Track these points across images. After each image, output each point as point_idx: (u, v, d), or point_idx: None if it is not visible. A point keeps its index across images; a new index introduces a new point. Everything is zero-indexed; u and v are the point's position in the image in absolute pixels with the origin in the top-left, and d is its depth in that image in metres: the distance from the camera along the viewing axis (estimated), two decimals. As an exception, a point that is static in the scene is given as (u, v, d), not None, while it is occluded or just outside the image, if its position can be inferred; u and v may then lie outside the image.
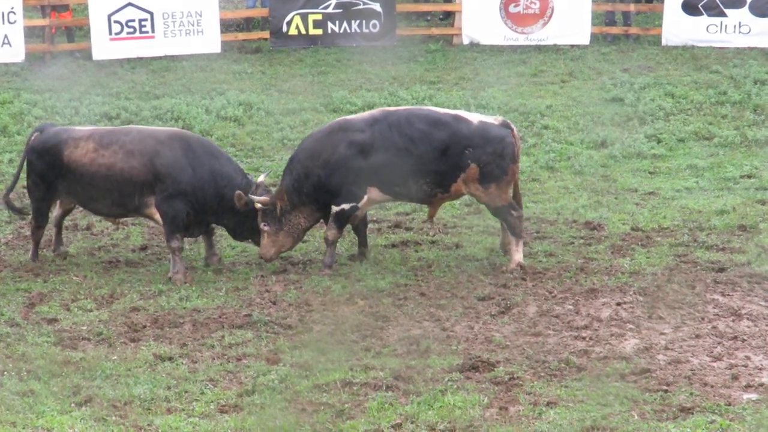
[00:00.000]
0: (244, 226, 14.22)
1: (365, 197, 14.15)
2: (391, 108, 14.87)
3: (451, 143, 13.94)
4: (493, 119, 14.32)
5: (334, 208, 14.16)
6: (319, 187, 14.06)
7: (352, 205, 14.13)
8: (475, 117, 14.34)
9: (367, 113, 14.69)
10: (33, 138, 14.48)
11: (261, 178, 14.41)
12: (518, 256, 14.20)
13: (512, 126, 14.26)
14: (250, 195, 13.90)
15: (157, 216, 14.03)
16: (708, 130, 19.90)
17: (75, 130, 14.51)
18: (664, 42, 24.73)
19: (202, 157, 14.05)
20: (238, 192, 13.81)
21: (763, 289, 13.48)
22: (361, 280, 13.93)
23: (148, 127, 15.21)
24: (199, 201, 13.99)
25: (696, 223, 15.78)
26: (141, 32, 24.21)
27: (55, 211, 14.82)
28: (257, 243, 14.39)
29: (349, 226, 14.61)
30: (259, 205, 13.94)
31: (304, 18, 24.89)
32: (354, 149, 13.98)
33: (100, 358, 11.82)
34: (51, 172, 14.23)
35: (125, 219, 15.23)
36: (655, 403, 10.63)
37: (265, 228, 14.09)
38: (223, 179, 14.04)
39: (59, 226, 14.90)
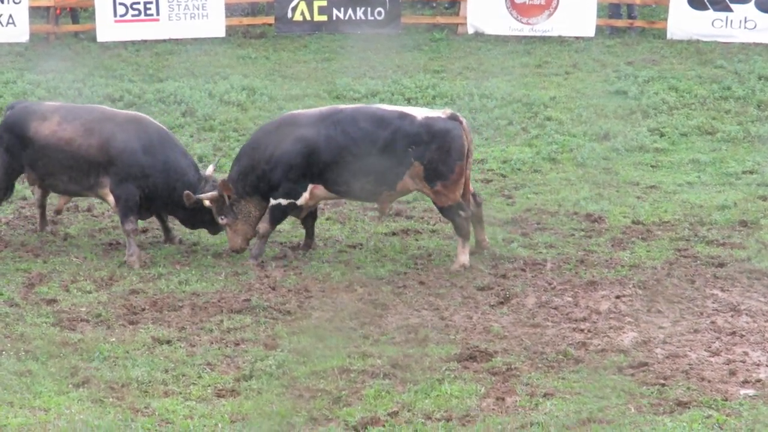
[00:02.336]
0: (195, 218, 14.23)
1: (305, 194, 14.00)
2: (341, 106, 14.69)
3: (393, 141, 13.71)
4: (441, 113, 13.99)
5: (271, 201, 14.02)
6: (263, 179, 13.95)
7: (289, 201, 13.99)
8: (420, 112, 14.00)
9: (316, 109, 14.54)
10: (6, 115, 14.66)
11: (209, 171, 14.40)
12: (464, 257, 13.93)
13: (461, 119, 13.92)
14: (196, 195, 13.86)
15: (111, 198, 14.08)
16: (711, 125, 19.88)
17: (43, 105, 14.76)
18: (669, 36, 24.70)
19: (157, 145, 14.06)
20: (186, 192, 13.79)
21: (763, 285, 13.47)
22: (361, 267, 13.93)
23: (112, 109, 15.22)
24: (149, 187, 14.00)
25: (697, 217, 15.78)
26: (146, 15, 24.20)
27: (36, 193, 14.90)
28: (211, 232, 14.41)
29: (352, 224, 14.58)
30: (207, 202, 13.93)
31: (309, 4, 24.86)
32: (299, 145, 13.87)
33: (98, 340, 11.83)
34: (18, 145, 14.32)
35: (80, 198, 15.34)
36: (652, 397, 10.64)
37: (223, 221, 14.06)
38: (176, 173, 14.03)
39: (42, 206, 15.01)
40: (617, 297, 13.06)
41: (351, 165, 13.74)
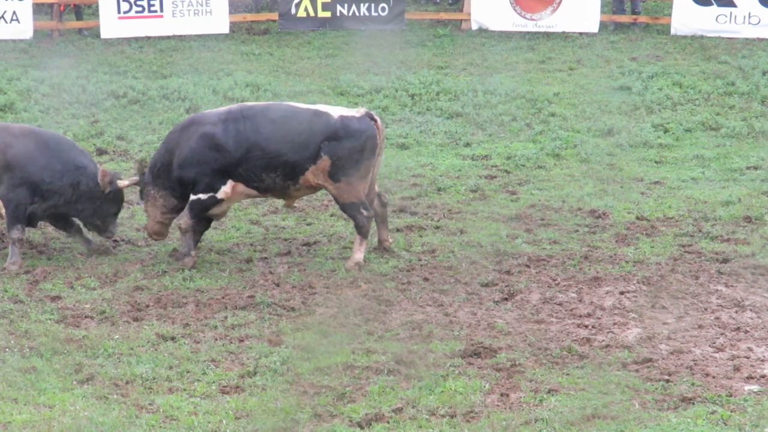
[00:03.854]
0: (101, 210, 14.12)
1: (225, 190, 13.86)
2: (249, 103, 14.57)
3: (306, 137, 13.70)
4: (356, 111, 13.99)
5: (191, 197, 13.91)
6: (176, 180, 13.90)
7: (209, 195, 13.88)
8: (336, 111, 13.99)
9: (224, 107, 14.45)
10: None
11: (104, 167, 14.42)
12: (359, 255, 13.91)
13: (376, 117, 13.95)
14: (118, 181, 14.00)
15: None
16: (715, 121, 19.86)
17: None
18: (672, 31, 24.66)
19: (54, 149, 14.02)
20: (102, 168, 13.96)
21: (767, 281, 13.47)
22: (365, 263, 13.93)
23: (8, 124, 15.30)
24: (50, 191, 13.91)
25: (701, 213, 15.77)
26: (150, 11, 24.17)
27: None
28: (101, 232, 14.29)
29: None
30: (124, 183, 14.03)
31: (313, 0, 24.85)
32: (206, 142, 13.76)
33: (102, 337, 11.85)
34: None
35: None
36: (657, 393, 10.64)
37: (143, 204, 14.22)
38: (78, 169, 13.99)
39: None
40: (621, 293, 13.06)
41: (262, 161, 13.78)
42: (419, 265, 13.96)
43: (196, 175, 13.80)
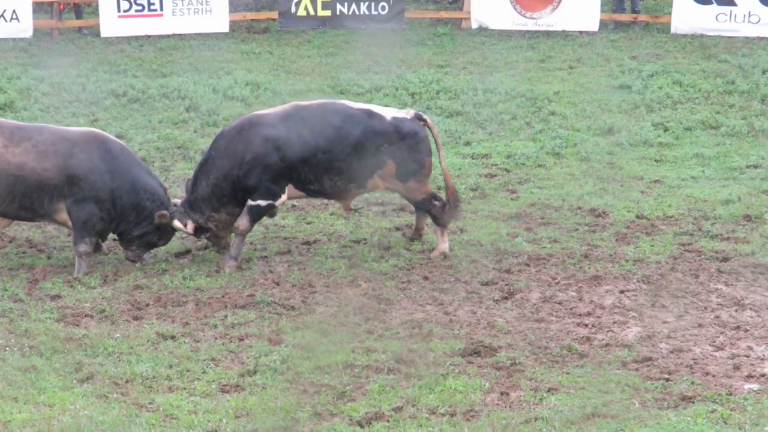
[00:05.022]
0: (145, 238, 13.94)
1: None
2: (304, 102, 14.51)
3: (365, 139, 13.76)
4: (405, 113, 14.13)
5: (250, 202, 13.81)
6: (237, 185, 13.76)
7: (269, 202, 13.85)
8: (388, 112, 14.10)
9: (279, 108, 14.31)
10: None
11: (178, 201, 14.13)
12: (444, 245, 14.11)
13: (426, 118, 14.15)
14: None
15: None
16: (715, 120, 19.86)
17: None
18: (673, 30, 24.67)
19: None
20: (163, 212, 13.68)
21: (767, 280, 13.47)
22: (365, 262, 13.93)
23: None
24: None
25: (701, 212, 15.77)
26: (149, 10, 24.18)
27: None
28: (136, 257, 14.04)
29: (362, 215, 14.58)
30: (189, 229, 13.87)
31: (313, -1, 24.88)
32: (269, 145, 13.67)
33: (102, 336, 11.85)
34: None
35: None
36: (657, 392, 10.64)
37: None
38: (146, 191, 13.75)
39: None
40: (621, 292, 13.06)
41: (323, 164, 13.85)
42: (419, 263, 13.96)
43: (260, 180, 13.68)
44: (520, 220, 15.50)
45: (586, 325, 12.16)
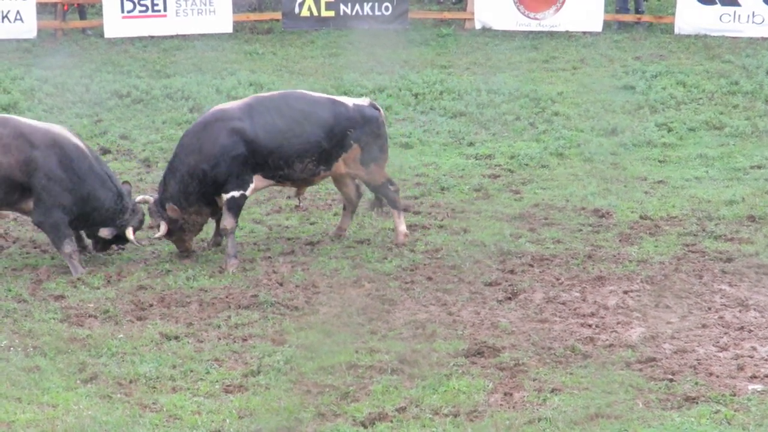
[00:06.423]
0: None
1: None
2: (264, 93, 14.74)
3: (335, 123, 14.07)
4: (362, 101, 14.53)
5: (224, 196, 13.88)
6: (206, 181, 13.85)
7: (241, 192, 13.92)
8: (348, 100, 14.54)
9: (240, 101, 14.47)
10: None
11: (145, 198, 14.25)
12: (402, 226, 14.61)
13: (379, 107, 14.61)
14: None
15: None
16: (719, 120, 19.86)
17: None
18: (676, 30, 24.67)
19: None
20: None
21: (771, 280, 13.48)
22: (368, 262, 13.94)
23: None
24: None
25: (705, 212, 15.76)
26: (153, 11, 24.20)
27: None
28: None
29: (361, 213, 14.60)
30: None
31: (317, 0, 24.87)
32: (237, 136, 13.74)
33: (106, 336, 11.85)
34: None
35: None
36: (660, 392, 10.63)
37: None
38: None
39: None
40: (625, 292, 13.05)
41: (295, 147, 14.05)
42: (423, 264, 13.96)
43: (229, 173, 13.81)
44: (523, 220, 15.49)
45: (590, 326, 12.15)
